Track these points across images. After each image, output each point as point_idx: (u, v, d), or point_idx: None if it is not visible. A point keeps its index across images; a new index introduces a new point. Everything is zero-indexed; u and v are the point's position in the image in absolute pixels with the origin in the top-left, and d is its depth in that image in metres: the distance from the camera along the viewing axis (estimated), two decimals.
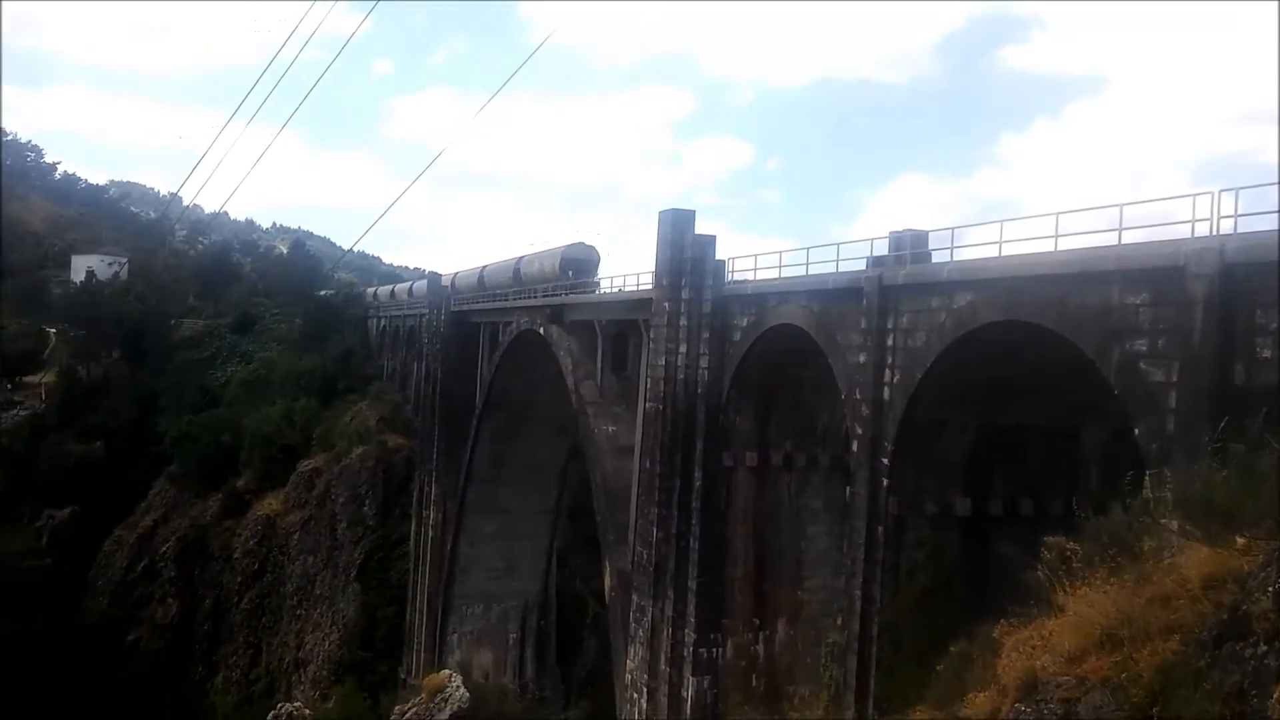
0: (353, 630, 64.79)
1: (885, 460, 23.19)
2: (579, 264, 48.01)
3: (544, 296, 49.74)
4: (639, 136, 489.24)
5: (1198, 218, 15.93)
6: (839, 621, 25.63)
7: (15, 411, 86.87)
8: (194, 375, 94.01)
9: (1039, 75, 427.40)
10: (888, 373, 23.35)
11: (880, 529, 23.28)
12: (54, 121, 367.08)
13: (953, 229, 23.14)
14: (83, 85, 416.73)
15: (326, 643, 65.71)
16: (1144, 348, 16.48)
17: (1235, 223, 15.58)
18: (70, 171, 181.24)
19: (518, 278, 55.14)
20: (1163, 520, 11.43)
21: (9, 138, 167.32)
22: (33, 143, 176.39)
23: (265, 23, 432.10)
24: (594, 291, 46.13)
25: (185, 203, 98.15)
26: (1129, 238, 17.37)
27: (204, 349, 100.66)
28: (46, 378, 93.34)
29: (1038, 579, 11.98)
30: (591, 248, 48.95)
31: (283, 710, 53.90)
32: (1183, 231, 16.32)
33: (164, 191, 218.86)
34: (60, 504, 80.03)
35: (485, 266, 63.06)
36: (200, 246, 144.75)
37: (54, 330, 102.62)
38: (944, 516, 23.28)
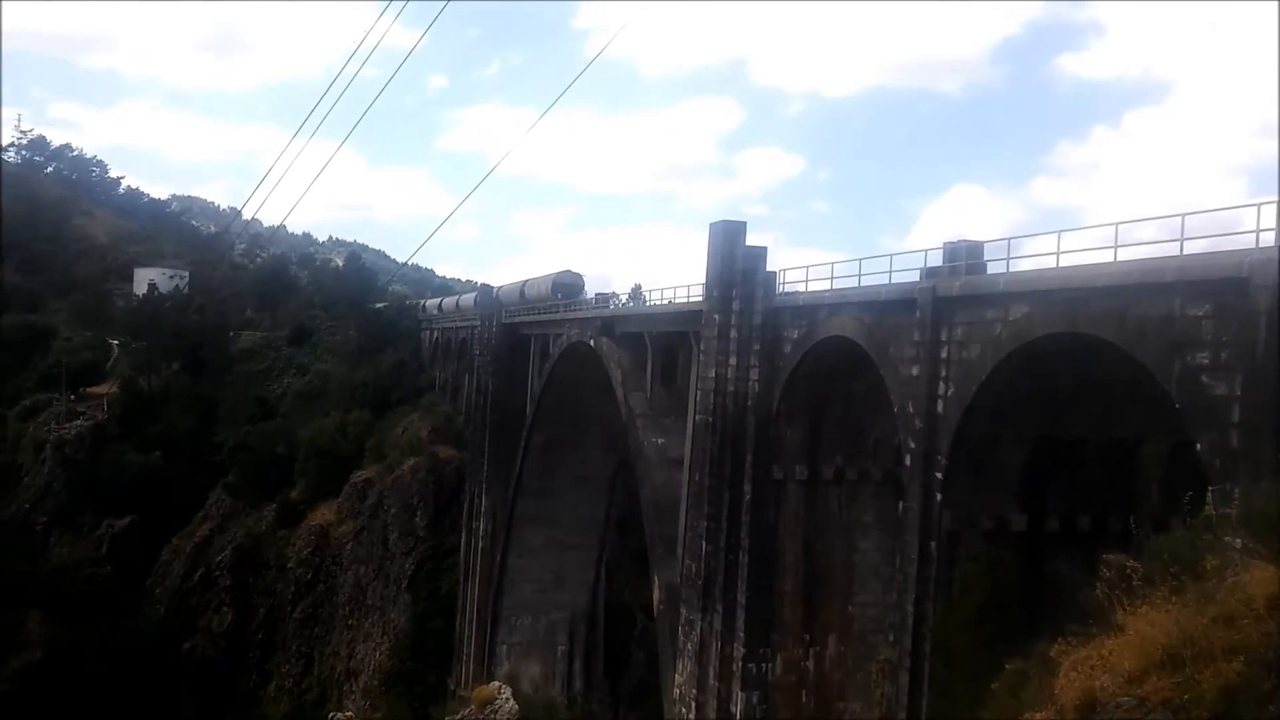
0: (403, 641, 65.20)
1: (939, 474, 22.88)
2: (566, 288, 58.55)
3: (595, 309, 50.56)
4: (688, 147, 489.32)
5: (1262, 227, 15.57)
6: (891, 638, 25.31)
7: (78, 422, 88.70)
8: (251, 387, 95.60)
9: (1098, 82, 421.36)
10: (941, 385, 23.05)
11: (933, 544, 22.95)
12: (119, 137, 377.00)
13: (1008, 239, 22.87)
14: (147, 101, 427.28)
15: (377, 653, 66.22)
16: (1206, 360, 16.11)
17: None
18: (134, 186, 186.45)
19: (523, 298, 64.19)
20: (1226, 538, 11.17)
21: (75, 153, 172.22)
22: (98, 158, 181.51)
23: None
24: (586, 308, 52.48)
25: (245, 217, 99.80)
26: (1191, 248, 17.01)
27: (261, 361, 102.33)
28: (109, 389, 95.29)
29: (1096, 597, 11.74)
30: (578, 275, 59.79)
31: (334, 719, 54.50)
32: (1247, 241, 15.96)
33: (224, 206, 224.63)
34: (120, 513, 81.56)
35: (500, 287, 71.48)
36: (259, 260, 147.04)
37: (116, 342, 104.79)
38: (999, 532, 22.91)
